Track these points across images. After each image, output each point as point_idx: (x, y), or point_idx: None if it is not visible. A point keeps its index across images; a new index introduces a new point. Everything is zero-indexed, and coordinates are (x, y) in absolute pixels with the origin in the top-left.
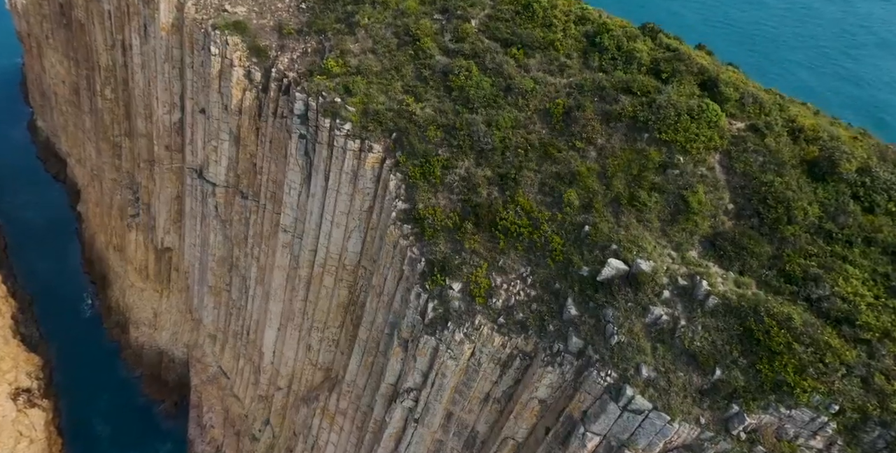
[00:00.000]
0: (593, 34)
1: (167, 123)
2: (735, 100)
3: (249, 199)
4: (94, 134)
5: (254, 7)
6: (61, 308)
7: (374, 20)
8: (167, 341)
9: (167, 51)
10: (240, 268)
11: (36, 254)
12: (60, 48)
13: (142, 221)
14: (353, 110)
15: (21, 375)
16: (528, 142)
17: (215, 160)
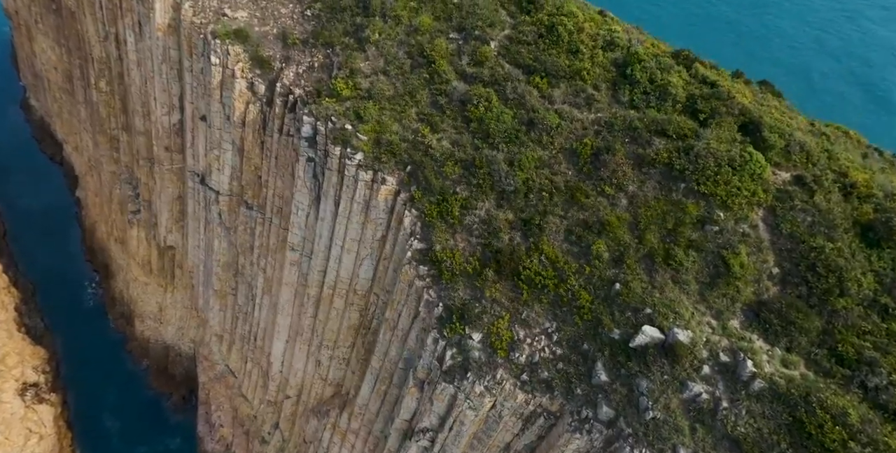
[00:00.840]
0: (623, 63)
1: (166, 125)
2: (780, 147)
3: (255, 210)
4: (91, 125)
5: (255, 12)
6: (64, 297)
7: (386, 36)
8: (173, 336)
9: (164, 52)
10: (246, 276)
11: (36, 240)
12: (51, 34)
13: (143, 218)
14: (365, 139)
15: (27, 370)
16: (552, 184)
17: (218, 168)
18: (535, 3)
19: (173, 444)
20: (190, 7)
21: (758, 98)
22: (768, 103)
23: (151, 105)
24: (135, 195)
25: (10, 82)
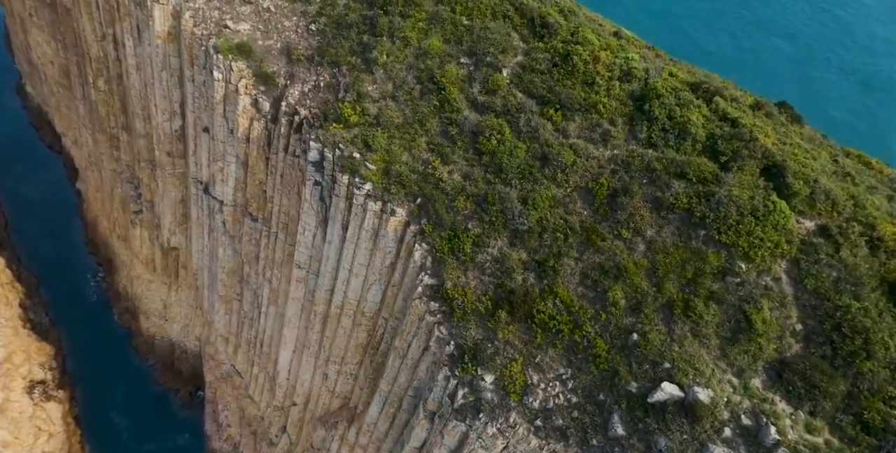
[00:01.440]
0: (640, 96)
1: (167, 131)
2: (804, 195)
3: (260, 223)
4: (90, 122)
5: (258, 24)
6: (68, 290)
7: (394, 59)
8: (178, 333)
9: (164, 59)
10: (251, 284)
11: (38, 232)
12: (46, 28)
13: (145, 218)
14: (374, 169)
15: (34, 367)
16: (567, 224)
17: (221, 179)
18: (549, 28)
19: (182, 440)
20: (190, 17)
21: (779, 134)
22: (791, 139)
23: (152, 110)
24: (136, 195)
25: (3, 65)
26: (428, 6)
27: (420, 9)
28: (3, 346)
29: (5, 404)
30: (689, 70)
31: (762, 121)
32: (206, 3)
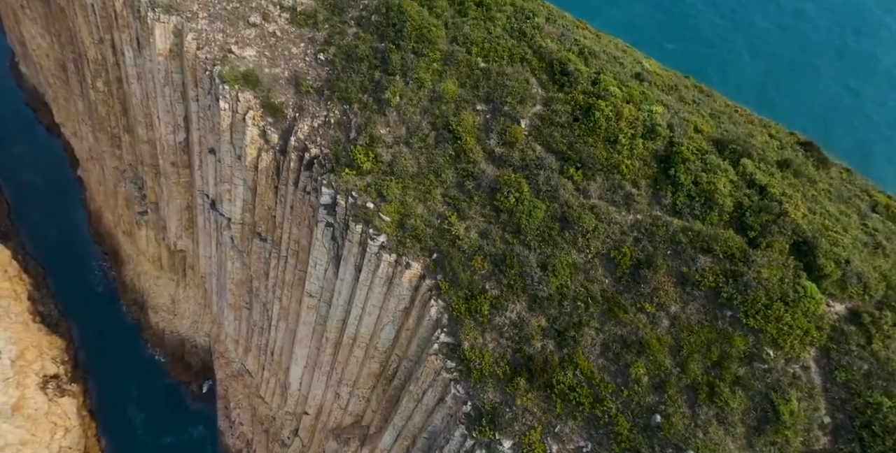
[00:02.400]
0: (664, 157)
1: (171, 142)
2: (836, 278)
3: (269, 244)
4: (89, 118)
5: (264, 50)
6: (75, 280)
7: (407, 101)
8: (188, 329)
9: (166, 75)
10: (261, 297)
11: (41, 218)
12: (40, 21)
13: (151, 220)
14: (388, 220)
15: (47, 362)
16: (588, 293)
17: (229, 199)
18: (569, 76)
19: (196, 433)
20: (193, 40)
21: (808, 198)
22: (820, 205)
23: (154, 120)
24: (141, 196)
25: None
26: (442, 45)
27: (434, 47)
28: (15, 343)
29: (21, 402)
30: (715, 110)
31: (790, 183)
32: (208, 24)
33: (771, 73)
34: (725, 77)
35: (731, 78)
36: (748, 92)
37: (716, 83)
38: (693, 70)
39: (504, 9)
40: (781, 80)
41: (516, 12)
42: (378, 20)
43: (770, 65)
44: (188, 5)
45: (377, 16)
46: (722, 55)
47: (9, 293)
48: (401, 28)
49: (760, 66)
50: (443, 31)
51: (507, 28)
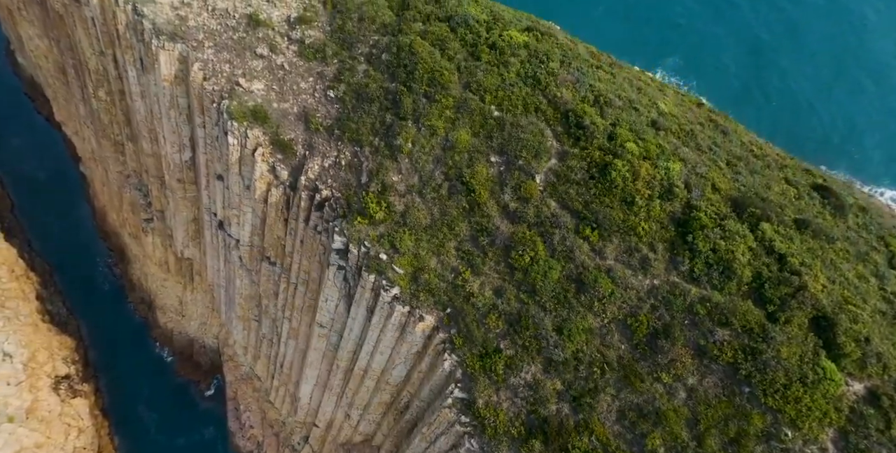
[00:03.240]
0: (682, 220)
1: (177, 161)
2: (856, 357)
3: (278, 268)
4: (91, 123)
5: (273, 84)
6: (82, 277)
7: (420, 148)
8: (196, 330)
9: (171, 99)
10: (270, 313)
11: (45, 214)
12: (38, 24)
13: (157, 227)
14: (402, 273)
15: (58, 362)
16: (605, 358)
17: (237, 223)
18: (585, 129)
19: (207, 433)
20: (199, 70)
21: (826, 265)
22: (839, 272)
23: (160, 138)
24: (146, 204)
25: None
26: (454, 90)
27: (446, 93)
28: (26, 346)
29: (34, 404)
30: (732, 154)
31: (809, 248)
32: (214, 54)
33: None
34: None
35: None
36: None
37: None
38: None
39: (518, 53)
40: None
41: (530, 56)
42: (388, 59)
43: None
44: (193, 34)
45: (387, 55)
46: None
47: (17, 293)
48: (412, 70)
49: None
50: (455, 75)
51: (520, 74)
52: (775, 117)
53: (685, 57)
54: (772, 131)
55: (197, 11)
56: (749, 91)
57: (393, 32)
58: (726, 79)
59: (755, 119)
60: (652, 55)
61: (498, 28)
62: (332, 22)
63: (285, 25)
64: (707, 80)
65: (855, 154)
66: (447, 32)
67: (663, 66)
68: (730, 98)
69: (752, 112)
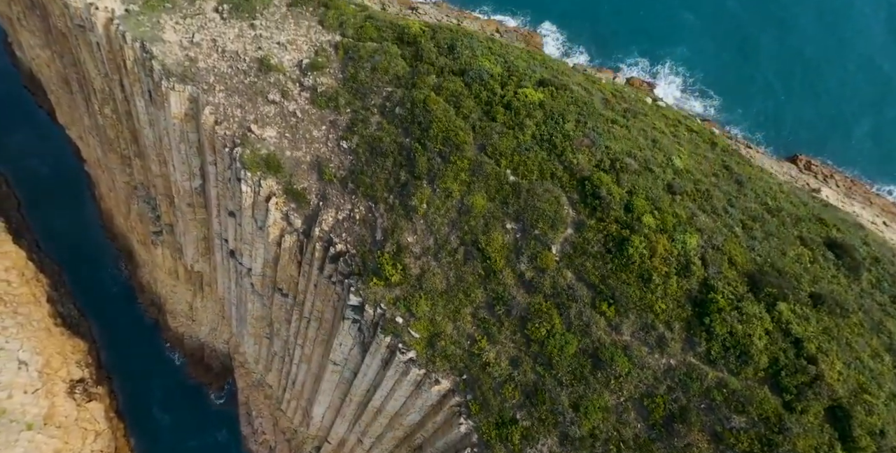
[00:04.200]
0: (699, 299)
1: (188, 188)
2: (871, 452)
3: (291, 299)
4: (97, 134)
5: (285, 131)
6: (91, 277)
7: (435, 210)
8: (207, 335)
9: (182, 134)
10: (282, 336)
11: (51, 211)
12: (38, 34)
13: (167, 240)
14: (418, 337)
15: (72, 367)
16: (621, 436)
17: (249, 255)
18: (601, 200)
19: (220, 436)
20: (211, 113)
21: (842, 347)
22: (855, 353)
23: (169, 164)
24: (155, 217)
25: None
26: (469, 151)
27: (461, 155)
28: (40, 353)
29: (51, 411)
30: (747, 212)
31: (825, 328)
32: (226, 98)
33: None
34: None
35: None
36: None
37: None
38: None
39: (533, 113)
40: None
41: (546, 117)
42: (402, 114)
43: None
44: (204, 76)
45: (401, 109)
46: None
47: (28, 298)
48: (427, 127)
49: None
50: (470, 134)
51: (536, 137)
52: (783, 109)
53: (693, 46)
54: (779, 124)
55: (206, 52)
56: (757, 82)
57: (406, 85)
58: (734, 69)
59: (763, 111)
60: (661, 43)
61: (512, 83)
62: (344, 69)
63: (297, 71)
64: (714, 72)
65: (864, 149)
66: (462, 88)
67: (672, 56)
68: (737, 89)
69: (761, 103)
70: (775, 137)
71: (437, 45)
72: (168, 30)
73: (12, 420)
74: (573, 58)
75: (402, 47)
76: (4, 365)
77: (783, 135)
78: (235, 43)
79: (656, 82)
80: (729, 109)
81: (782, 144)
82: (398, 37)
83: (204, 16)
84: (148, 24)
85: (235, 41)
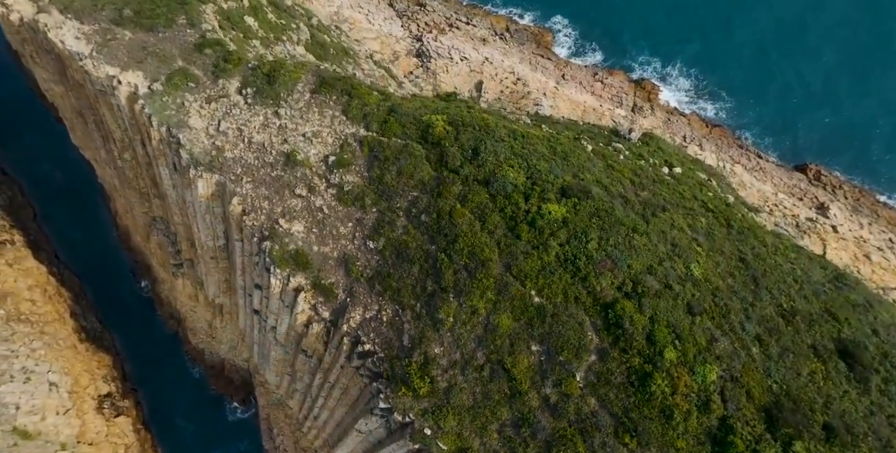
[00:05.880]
0: (717, 436)
1: (211, 245)
2: None
3: (315, 360)
4: (114, 169)
5: (312, 226)
6: (110, 287)
7: (461, 325)
8: (227, 352)
9: (208, 207)
10: (304, 382)
11: (67, 220)
12: (52, 72)
13: (187, 273)
14: (445, 449)
15: (99, 382)
16: None
17: (275, 320)
18: (624, 331)
19: (243, 446)
20: (238, 204)
21: None
22: None
23: (192, 225)
24: (175, 251)
25: None
26: (495, 270)
27: (487, 272)
28: (68, 373)
29: (83, 429)
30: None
31: None
32: (253, 189)
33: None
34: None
35: None
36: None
37: None
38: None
39: (557, 234)
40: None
41: (569, 237)
42: (428, 222)
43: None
44: (231, 166)
45: (427, 217)
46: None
47: (53, 316)
48: (452, 240)
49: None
50: (495, 252)
51: (560, 257)
52: (797, 113)
53: (706, 43)
54: (791, 128)
55: (233, 141)
56: (772, 82)
57: (432, 192)
58: (747, 68)
59: (776, 114)
60: (673, 40)
61: (535, 195)
62: (370, 168)
63: (323, 166)
64: (727, 71)
65: (879, 156)
66: (486, 199)
67: (683, 55)
68: (750, 90)
69: (774, 106)
70: (787, 142)
71: (461, 148)
72: (193, 114)
73: (47, 441)
74: (586, 57)
75: (426, 147)
76: (36, 389)
77: (794, 140)
78: (262, 133)
79: (666, 85)
80: (741, 113)
81: (793, 150)
82: (422, 135)
83: (228, 99)
84: (173, 106)
85: (261, 131)
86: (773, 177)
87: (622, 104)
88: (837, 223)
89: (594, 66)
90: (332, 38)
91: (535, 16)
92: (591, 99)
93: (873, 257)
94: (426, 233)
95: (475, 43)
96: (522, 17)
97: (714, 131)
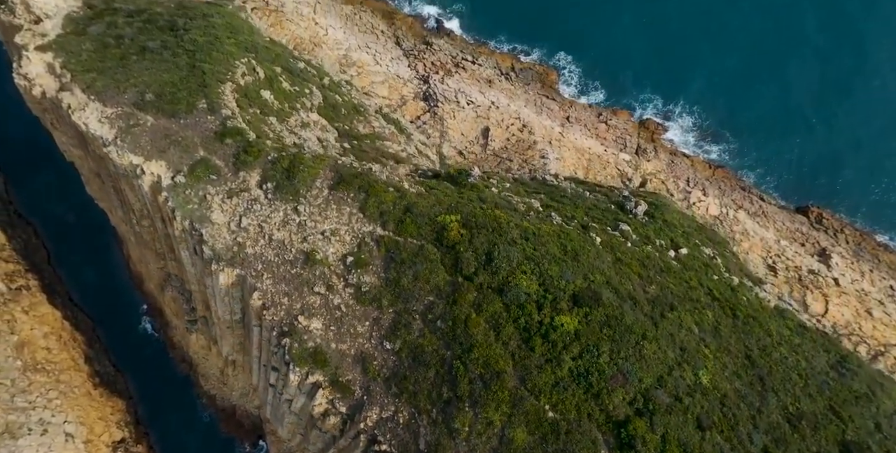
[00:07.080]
0: None
1: (228, 319)
2: None
3: (328, 435)
4: (130, 227)
5: (330, 324)
6: (122, 328)
7: (477, 436)
8: (238, 398)
9: (227, 292)
10: (318, 447)
11: (79, 261)
12: (72, 138)
13: (201, 329)
14: None
15: (113, 429)
16: None
17: (291, 398)
18: (635, 449)
19: None
20: (259, 299)
21: None
22: None
23: (210, 301)
24: (189, 308)
25: None
26: (509, 382)
27: (502, 384)
28: (83, 422)
29: None
30: None
31: None
32: (273, 285)
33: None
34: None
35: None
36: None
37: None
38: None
39: (569, 347)
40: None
41: (581, 350)
42: (443, 328)
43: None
44: (252, 263)
45: (442, 323)
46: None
47: (68, 364)
48: (468, 349)
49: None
50: (510, 364)
51: (573, 372)
52: (800, 153)
53: (708, 81)
54: (793, 169)
55: (254, 238)
56: (774, 122)
57: (447, 298)
58: (749, 108)
59: (778, 154)
60: (675, 77)
61: (548, 304)
62: (387, 269)
63: (341, 265)
64: (729, 111)
65: (875, 197)
66: (500, 309)
67: (685, 94)
68: (752, 129)
69: (776, 146)
70: (789, 182)
71: (475, 252)
72: (216, 208)
73: None
74: (590, 96)
75: (441, 250)
76: (53, 440)
77: (797, 179)
78: (282, 230)
79: (669, 122)
80: (743, 153)
81: (795, 191)
82: (437, 237)
83: (249, 193)
84: (195, 199)
85: (281, 228)
86: (775, 222)
87: (626, 147)
88: (839, 274)
89: (598, 105)
90: (342, 96)
91: (539, 53)
92: (596, 144)
93: (874, 312)
94: (442, 339)
95: (481, 85)
96: (528, 53)
97: (717, 172)
